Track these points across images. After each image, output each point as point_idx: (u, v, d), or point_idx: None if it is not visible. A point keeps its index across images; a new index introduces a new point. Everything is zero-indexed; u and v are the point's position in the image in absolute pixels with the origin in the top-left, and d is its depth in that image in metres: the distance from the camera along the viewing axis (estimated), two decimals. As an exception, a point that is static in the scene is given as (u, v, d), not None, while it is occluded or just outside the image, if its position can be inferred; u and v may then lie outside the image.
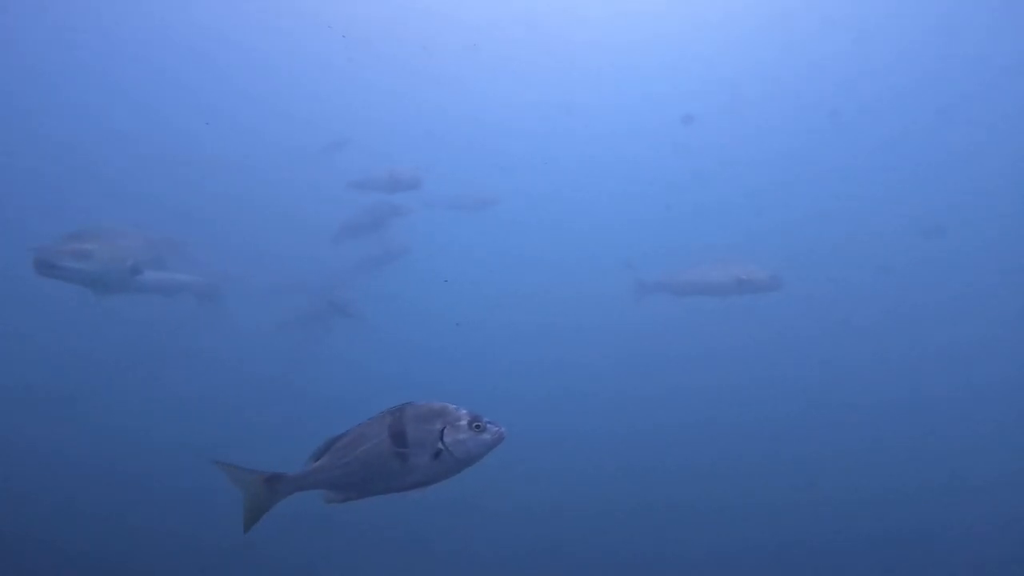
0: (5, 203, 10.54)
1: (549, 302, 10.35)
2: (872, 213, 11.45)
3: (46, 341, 8.31)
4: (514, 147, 14.41)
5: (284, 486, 1.81)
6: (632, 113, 14.59)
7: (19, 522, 5.85)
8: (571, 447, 7.43)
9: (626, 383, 8.62)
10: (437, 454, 1.74)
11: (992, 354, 9.05)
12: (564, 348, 9.40)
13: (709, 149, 12.91)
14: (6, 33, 13.56)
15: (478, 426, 1.76)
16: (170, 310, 6.08)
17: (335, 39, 13.55)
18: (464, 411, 1.78)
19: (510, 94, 15.13)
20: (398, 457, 1.75)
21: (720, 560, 6.17)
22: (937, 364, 8.94)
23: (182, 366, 8.11)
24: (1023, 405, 8.04)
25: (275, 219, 10.66)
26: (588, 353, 9.21)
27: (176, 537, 5.83)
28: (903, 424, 7.79)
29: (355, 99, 14.29)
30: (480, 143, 14.27)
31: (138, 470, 6.55)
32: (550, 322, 10.04)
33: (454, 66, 14.68)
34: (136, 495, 6.31)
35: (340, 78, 14.79)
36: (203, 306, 6.16)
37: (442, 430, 1.75)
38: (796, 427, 7.77)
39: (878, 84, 12.81)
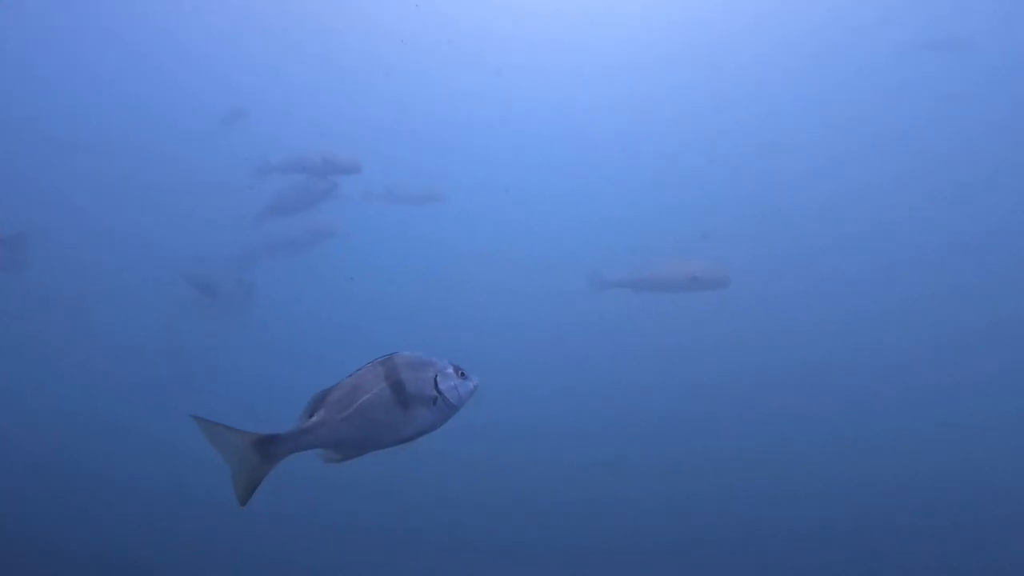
0: None
1: (498, 296, 10.38)
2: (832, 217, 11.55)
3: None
4: (468, 141, 14.27)
5: (279, 448, 1.62)
6: (591, 111, 14.53)
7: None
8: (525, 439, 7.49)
9: (575, 377, 8.63)
10: (434, 401, 1.73)
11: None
12: (512, 342, 9.38)
13: (665, 152, 13.07)
14: None
15: (462, 373, 1.78)
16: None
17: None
18: (446, 360, 1.79)
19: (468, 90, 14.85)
20: (400, 406, 1.71)
21: (685, 552, 6.28)
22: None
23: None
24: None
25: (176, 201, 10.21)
26: (538, 348, 9.20)
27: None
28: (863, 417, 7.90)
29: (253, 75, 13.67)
30: (430, 135, 13.96)
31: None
32: (497, 317, 10.02)
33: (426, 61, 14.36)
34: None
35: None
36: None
37: (435, 377, 1.74)
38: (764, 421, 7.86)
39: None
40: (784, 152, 12.21)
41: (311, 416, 1.68)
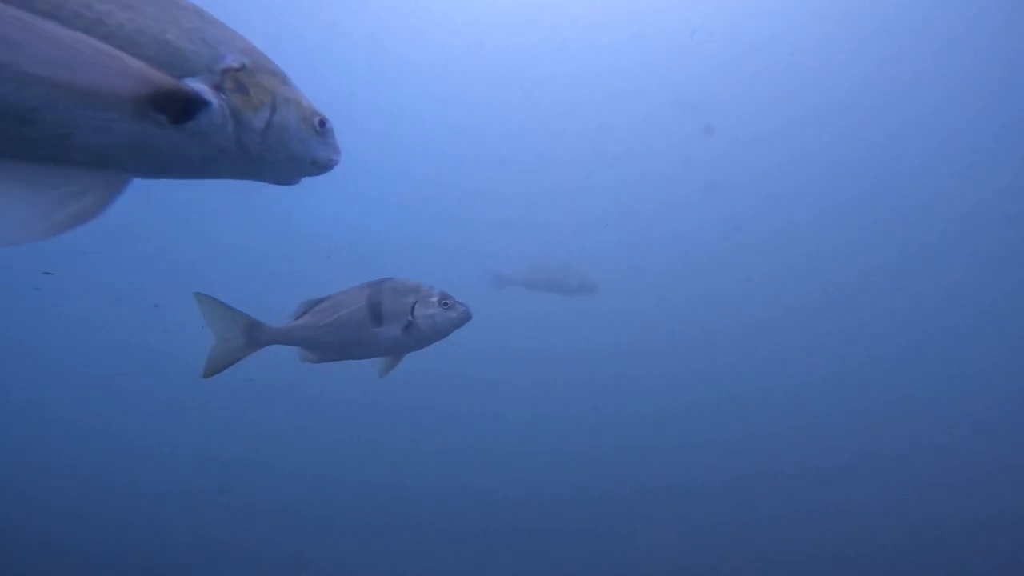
0: None
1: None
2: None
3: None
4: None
5: (263, 335, 1.78)
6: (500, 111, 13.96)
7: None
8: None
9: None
10: (407, 326, 1.83)
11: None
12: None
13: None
14: None
15: (446, 304, 1.87)
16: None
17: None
18: (437, 289, 1.89)
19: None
20: (372, 325, 1.82)
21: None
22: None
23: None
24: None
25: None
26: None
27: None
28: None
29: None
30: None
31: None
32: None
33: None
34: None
35: None
36: None
37: (414, 304, 1.85)
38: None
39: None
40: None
41: (297, 319, 1.86)
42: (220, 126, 0.93)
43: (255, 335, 1.76)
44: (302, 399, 8.04)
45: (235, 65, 0.95)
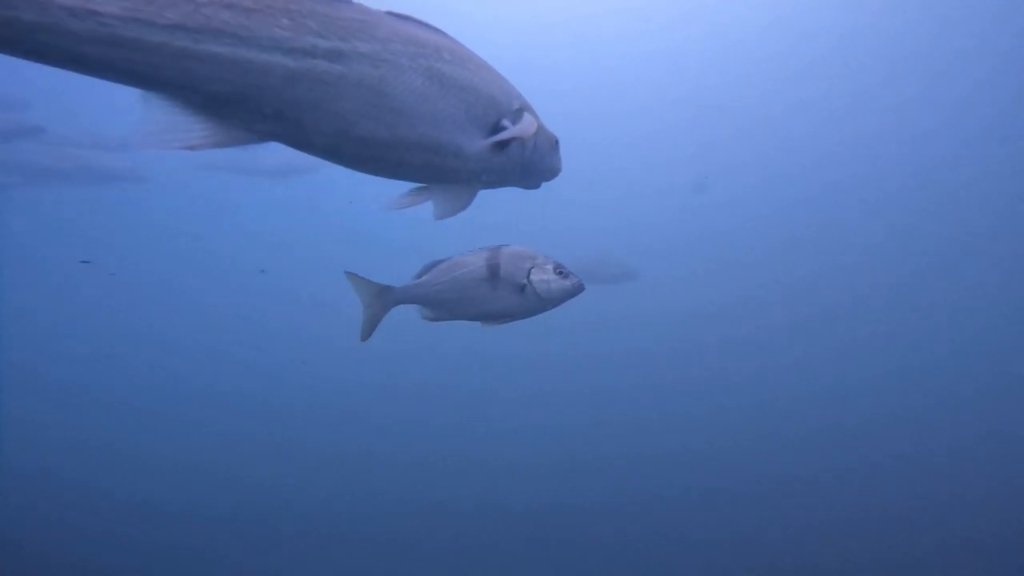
0: None
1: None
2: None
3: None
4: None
5: (393, 296, 1.98)
6: None
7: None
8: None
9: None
10: (522, 288, 1.93)
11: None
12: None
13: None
14: None
15: (561, 273, 1.95)
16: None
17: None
18: (553, 259, 1.97)
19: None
20: (490, 285, 1.93)
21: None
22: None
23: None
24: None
25: None
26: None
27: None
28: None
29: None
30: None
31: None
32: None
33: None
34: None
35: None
36: None
37: (530, 269, 1.94)
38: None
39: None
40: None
41: (419, 277, 2.01)
42: (517, 149, 1.28)
43: (386, 297, 1.98)
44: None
45: (517, 106, 1.28)
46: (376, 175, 1.15)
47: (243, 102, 0.93)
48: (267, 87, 0.93)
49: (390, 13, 1.07)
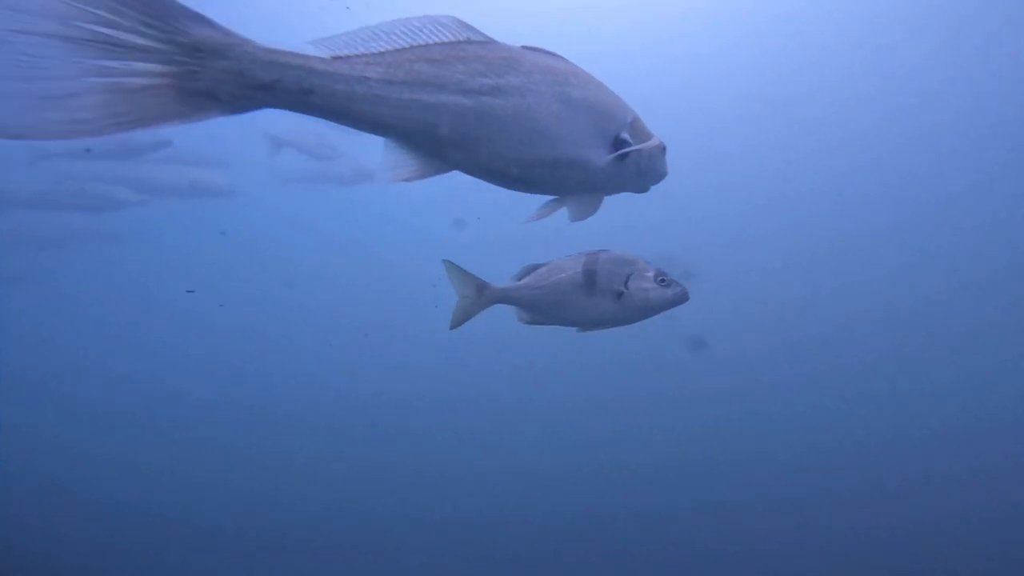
0: None
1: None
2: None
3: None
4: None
5: (490, 293, 1.97)
6: None
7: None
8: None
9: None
10: (619, 295, 1.88)
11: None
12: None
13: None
14: None
15: (663, 280, 1.89)
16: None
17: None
18: (654, 266, 1.91)
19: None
20: (586, 292, 1.89)
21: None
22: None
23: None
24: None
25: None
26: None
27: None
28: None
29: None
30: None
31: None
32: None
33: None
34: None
35: None
36: None
37: (629, 275, 1.89)
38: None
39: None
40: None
41: (518, 281, 2.01)
42: (635, 159, 1.37)
43: (485, 293, 1.96)
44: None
45: (631, 119, 1.38)
46: (519, 191, 1.30)
47: (439, 138, 1.15)
48: (456, 124, 1.14)
49: (525, 47, 1.23)
